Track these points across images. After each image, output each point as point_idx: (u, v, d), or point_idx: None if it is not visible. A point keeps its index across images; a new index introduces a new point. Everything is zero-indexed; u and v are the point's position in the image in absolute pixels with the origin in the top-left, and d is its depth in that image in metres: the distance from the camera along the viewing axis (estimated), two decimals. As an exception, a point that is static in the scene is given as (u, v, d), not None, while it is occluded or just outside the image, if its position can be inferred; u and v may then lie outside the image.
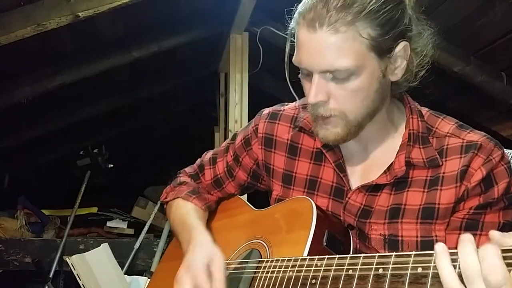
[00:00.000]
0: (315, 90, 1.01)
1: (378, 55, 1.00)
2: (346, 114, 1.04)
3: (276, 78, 4.27)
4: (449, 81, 3.34)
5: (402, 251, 1.05)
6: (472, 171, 1.01)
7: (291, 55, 1.08)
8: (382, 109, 1.10)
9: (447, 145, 1.06)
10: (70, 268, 2.57)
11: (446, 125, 1.10)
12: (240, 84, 3.47)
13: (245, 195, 1.77)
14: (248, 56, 3.48)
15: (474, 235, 1.01)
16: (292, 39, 1.07)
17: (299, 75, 1.08)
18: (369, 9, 0.97)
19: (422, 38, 1.08)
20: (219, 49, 3.93)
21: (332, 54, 0.98)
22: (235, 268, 1.17)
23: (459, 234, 1.02)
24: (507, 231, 1.02)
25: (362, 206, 1.11)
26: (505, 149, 1.49)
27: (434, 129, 1.10)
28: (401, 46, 1.02)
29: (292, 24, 1.06)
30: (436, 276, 0.75)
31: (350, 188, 1.14)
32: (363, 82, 1.01)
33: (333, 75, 1.00)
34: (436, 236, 1.03)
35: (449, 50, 3.00)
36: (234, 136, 1.38)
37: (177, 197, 1.38)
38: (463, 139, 1.05)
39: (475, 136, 1.05)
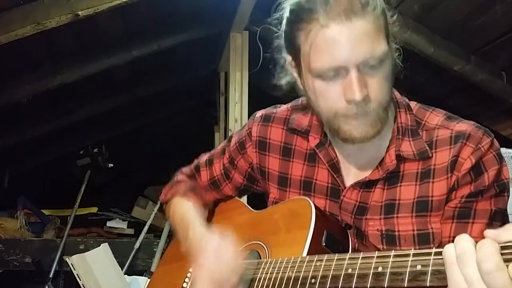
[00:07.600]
0: (358, 85, 0.95)
1: (386, 38, 0.99)
2: (382, 104, 0.99)
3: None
4: (449, 80, 3.33)
5: (399, 245, 1.06)
6: (462, 161, 1.01)
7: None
8: None
9: (437, 136, 1.06)
10: (70, 268, 2.57)
11: (435, 117, 1.10)
12: (240, 83, 3.47)
13: (245, 197, 1.76)
14: (248, 55, 3.48)
15: (467, 223, 1.02)
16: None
17: (315, 81, 1.00)
18: None
19: (394, 23, 1.07)
20: (219, 48, 3.93)
21: (370, 39, 0.94)
22: None
23: (452, 223, 1.03)
24: (498, 219, 1.02)
25: (357, 203, 1.11)
26: (505, 149, 1.47)
27: (423, 122, 1.10)
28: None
29: (302, 30, 1.01)
30: (435, 273, 0.75)
31: (345, 187, 1.13)
32: (390, 66, 0.99)
33: (370, 63, 0.95)
34: (432, 228, 1.04)
35: (449, 48, 3.00)
36: (230, 138, 1.38)
37: (175, 196, 1.39)
38: (451, 129, 1.05)
39: (464, 126, 1.05)
